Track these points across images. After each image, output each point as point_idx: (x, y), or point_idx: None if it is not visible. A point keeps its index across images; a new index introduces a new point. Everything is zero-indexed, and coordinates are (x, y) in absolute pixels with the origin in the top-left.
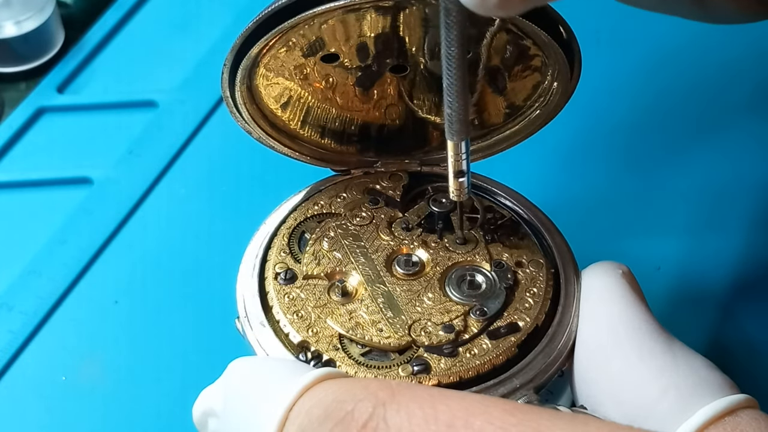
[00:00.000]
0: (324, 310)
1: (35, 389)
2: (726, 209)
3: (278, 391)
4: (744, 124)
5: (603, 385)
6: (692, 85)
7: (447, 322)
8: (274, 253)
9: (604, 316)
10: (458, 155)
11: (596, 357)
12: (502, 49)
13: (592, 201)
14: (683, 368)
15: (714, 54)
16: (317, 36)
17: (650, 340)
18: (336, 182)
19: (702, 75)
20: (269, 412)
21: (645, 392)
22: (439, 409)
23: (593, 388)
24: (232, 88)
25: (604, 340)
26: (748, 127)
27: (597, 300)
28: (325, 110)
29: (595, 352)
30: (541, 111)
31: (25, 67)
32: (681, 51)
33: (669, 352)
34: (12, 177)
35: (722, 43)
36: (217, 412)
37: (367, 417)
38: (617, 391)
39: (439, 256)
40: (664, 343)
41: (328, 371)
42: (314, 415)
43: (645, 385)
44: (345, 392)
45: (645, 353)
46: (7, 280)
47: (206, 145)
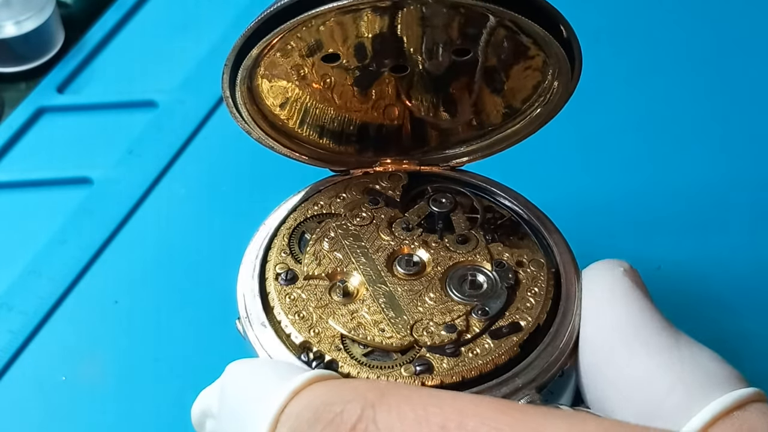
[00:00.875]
0: (325, 310)
1: (35, 389)
2: (726, 209)
3: (270, 394)
4: (744, 124)
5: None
6: (692, 84)
7: (449, 322)
8: (275, 253)
9: (608, 315)
10: None
11: (601, 356)
12: (501, 48)
13: (592, 201)
14: (690, 363)
15: (714, 53)
16: (317, 36)
17: (656, 335)
18: (335, 182)
19: (702, 74)
20: (261, 414)
21: (652, 389)
22: (430, 410)
23: (600, 388)
24: (232, 89)
25: (608, 338)
26: (749, 126)
27: (600, 299)
28: (323, 110)
29: (600, 351)
30: (541, 110)
31: (25, 67)
32: (681, 50)
33: (675, 347)
34: (12, 177)
35: (723, 43)
36: (214, 413)
37: (356, 419)
38: (624, 389)
39: (440, 256)
40: (670, 338)
41: (319, 373)
42: (304, 418)
43: (652, 381)
44: (334, 394)
45: (651, 349)
46: (7, 280)
47: (206, 145)
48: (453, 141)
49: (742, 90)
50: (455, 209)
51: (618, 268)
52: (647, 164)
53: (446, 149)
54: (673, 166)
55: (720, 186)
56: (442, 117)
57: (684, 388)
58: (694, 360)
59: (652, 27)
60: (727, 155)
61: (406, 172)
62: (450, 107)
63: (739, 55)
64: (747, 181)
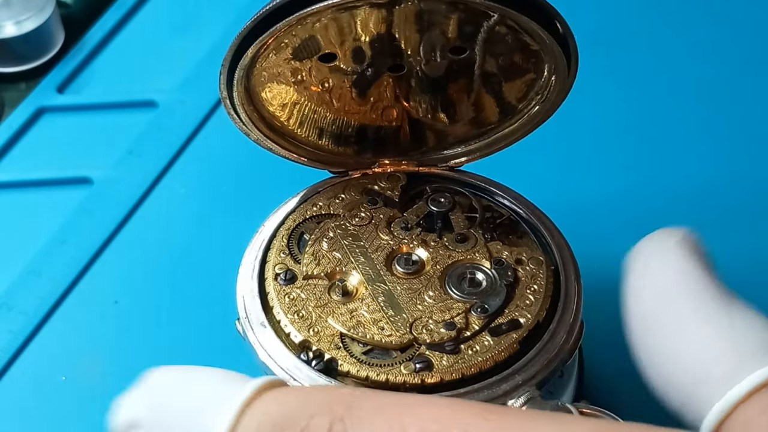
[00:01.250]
0: (325, 309)
1: (35, 389)
2: (726, 209)
3: (218, 404)
4: (745, 124)
5: (660, 353)
6: (693, 83)
7: (448, 320)
8: (274, 254)
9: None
10: None
11: (650, 325)
12: (498, 46)
13: (592, 201)
14: (741, 330)
15: (714, 53)
16: (313, 36)
17: (708, 304)
18: (334, 183)
19: (702, 74)
20: (211, 428)
21: (701, 357)
22: (405, 420)
23: (652, 358)
24: (229, 89)
25: (658, 308)
26: (749, 126)
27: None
28: (322, 112)
29: (648, 320)
30: (539, 108)
31: (25, 67)
32: (681, 49)
33: (726, 315)
34: (12, 177)
35: (722, 43)
36: (143, 424)
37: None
38: (675, 359)
39: (439, 254)
40: (724, 307)
41: (269, 380)
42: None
43: (702, 350)
44: (295, 407)
45: (700, 317)
46: (7, 280)
47: (206, 145)
48: (451, 141)
49: (743, 90)
50: (454, 209)
51: (670, 239)
52: (647, 164)
53: (444, 149)
54: (673, 166)
55: (720, 186)
56: (440, 117)
57: (733, 357)
58: (746, 327)
59: (652, 26)
60: (727, 155)
61: (405, 173)
62: (448, 107)
63: (739, 55)
64: (747, 181)
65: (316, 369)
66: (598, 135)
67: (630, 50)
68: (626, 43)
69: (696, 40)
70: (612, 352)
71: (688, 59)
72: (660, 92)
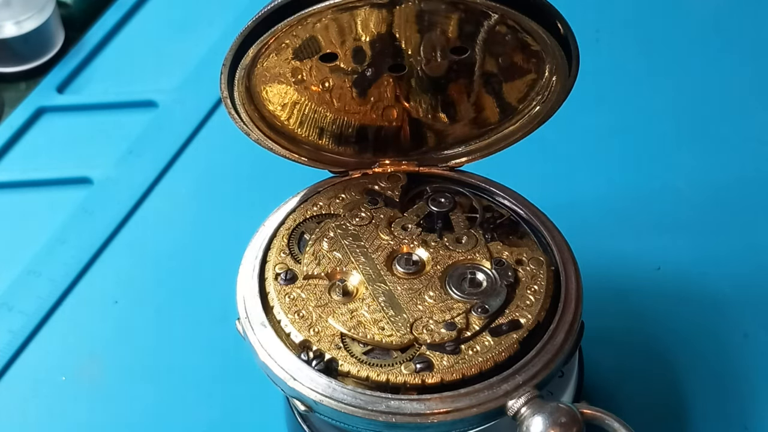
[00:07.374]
0: (325, 309)
1: (35, 389)
2: (726, 209)
3: None
4: (745, 124)
5: None
6: (693, 83)
7: (449, 320)
8: (274, 254)
9: None
10: None
11: None
12: (499, 46)
13: (592, 201)
14: None
15: (715, 53)
16: (314, 36)
17: None
18: (334, 183)
19: (703, 73)
20: None
21: None
22: None
23: None
24: (230, 89)
25: None
26: (749, 126)
27: None
28: (322, 112)
29: None
30: (539, 108)
31: (25, 67)
32: (681, 49)
33: None
34: (12, 177)
35: (723, 43)
36: None
37: None
38: None
39: (439, 254)
40: None
41: None
42: None
43: None
44: None
45: None
46: (7, 280)
47: (206, 145)
48: (451, 141)
49: (743, 89)
50: (454, 209)
51: None
52: (647, 164)
53: (445, 150)
54: (672, 166)
55: (720, 186)
56: (440, 118)
57: None
58: None
59: (652, 26)
60: (727, 155)
61: (405, 173)
62: (448, 108)
63: (739, 55)
64: (747, 181)
65: (316, 369)
66: (598, 135)
67: (630, 50)
68: (626, 43)
69: (696, 40)
70: (612, 352)
71: (688, 59)
72: (660, 92)
